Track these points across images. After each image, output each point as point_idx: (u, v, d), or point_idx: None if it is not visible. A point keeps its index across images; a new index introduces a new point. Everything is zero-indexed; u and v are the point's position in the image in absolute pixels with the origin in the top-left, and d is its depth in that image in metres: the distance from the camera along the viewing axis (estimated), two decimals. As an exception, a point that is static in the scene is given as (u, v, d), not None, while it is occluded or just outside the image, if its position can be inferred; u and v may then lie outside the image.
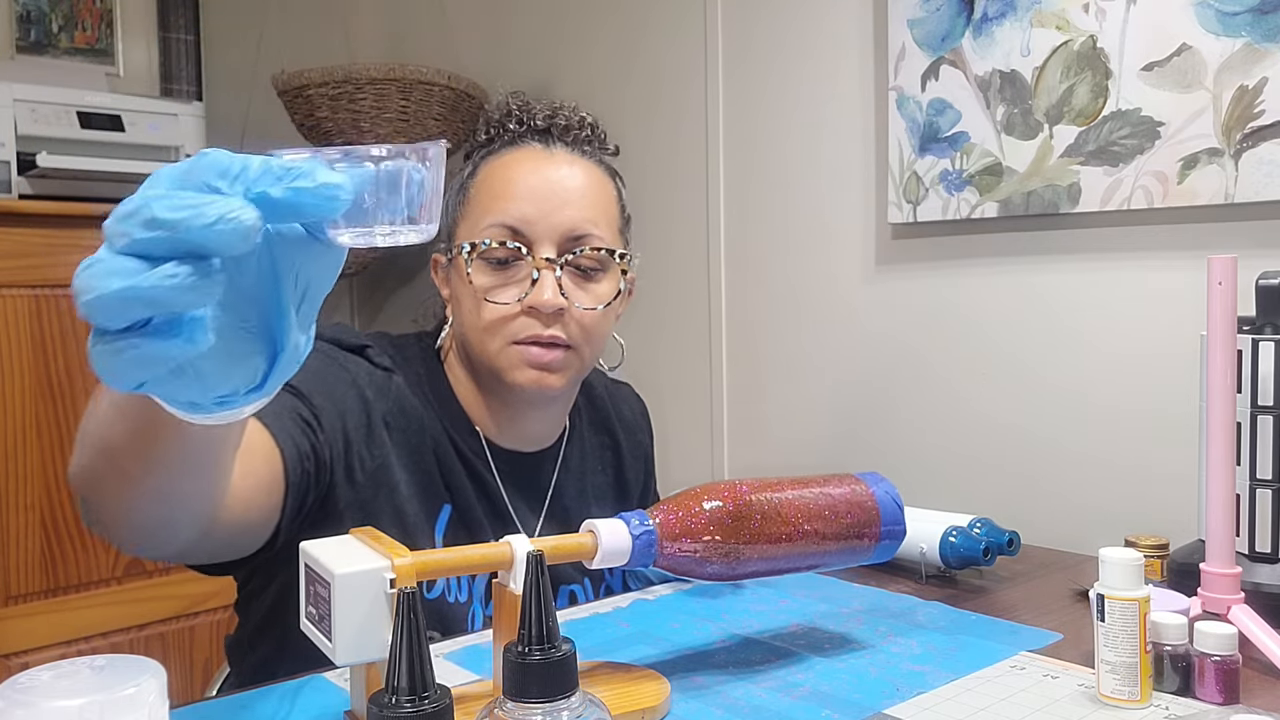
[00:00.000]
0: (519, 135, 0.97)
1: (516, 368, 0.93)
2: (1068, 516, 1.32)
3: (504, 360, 0.93)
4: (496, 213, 0.92)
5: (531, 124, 0.97)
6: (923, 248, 1.48)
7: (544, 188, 0.92)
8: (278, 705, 0.78)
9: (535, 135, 0.97)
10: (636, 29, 1.89)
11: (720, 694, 0.79)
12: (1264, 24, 1.12)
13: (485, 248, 0.91)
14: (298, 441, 0.82)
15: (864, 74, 1.53)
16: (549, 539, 0.74)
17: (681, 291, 1.83)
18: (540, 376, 0.93)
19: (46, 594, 1.74)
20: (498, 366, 0.94)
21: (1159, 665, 0.77)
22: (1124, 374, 1.28)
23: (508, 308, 0.92)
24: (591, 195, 0.95)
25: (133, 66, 2.27)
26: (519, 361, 0.92)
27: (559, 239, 0.92)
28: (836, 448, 1.60)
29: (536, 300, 0.91)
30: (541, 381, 0.93)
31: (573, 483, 1.08)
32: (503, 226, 0.92)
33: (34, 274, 1.71)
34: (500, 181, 0.94)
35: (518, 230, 0.92)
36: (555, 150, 0.96)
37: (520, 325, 0.92)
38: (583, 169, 0.96)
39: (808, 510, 0.81)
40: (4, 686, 0.56)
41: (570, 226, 0.93)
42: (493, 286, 0.92)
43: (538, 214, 0.92)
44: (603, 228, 0.95)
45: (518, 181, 0.93)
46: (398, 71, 1.92)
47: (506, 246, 0.92)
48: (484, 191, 0.95)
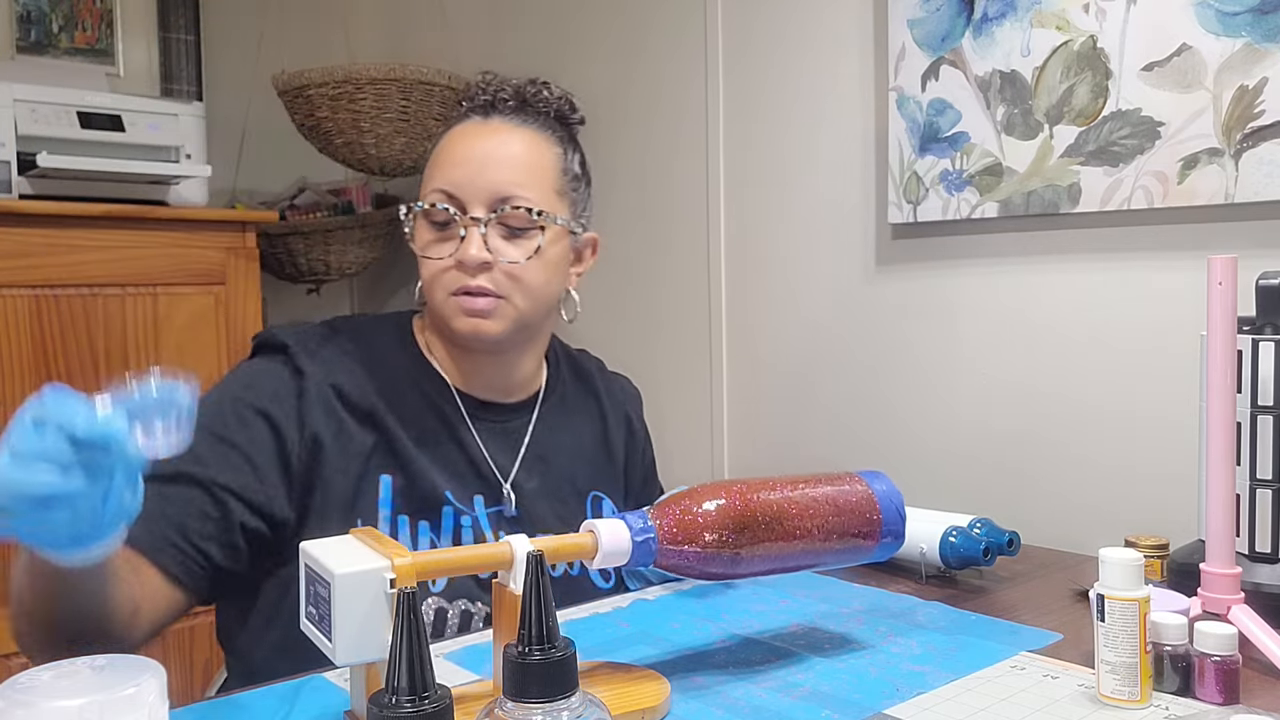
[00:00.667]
0: (466, 111, 1.07)
1: (455, 316, 1.02)
2: (1068, 516, 1.32)
3: (446, 310, 1.02)
4: (436, 179, 1.03)
5: (477, 99, 1.07)
6: (923, 248, 1.48)
7: (477, 154, 1.02)
8: (278, 705, 0.78)
9: (478, 110, 1.06)
10: (637, 29, 1.89)
11: (720, 694, 0.79)
12: (1264, 24, 1.12)
13: (423, 209, 1.03)
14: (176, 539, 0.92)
15: (864, 74, 1.53)
16: (549, 539, 0.74)
17: (682, 291, 1.83)
18: (476, 324, 1.01)
19: (46, 594, 1.74)
20: (443, 315, 1.03)
21: (1159, 665, 0.77)
22: (1124, 374, 1.28)
23: (442, 262, 1.02)
24: (523, 160, 1.03)
25: (133, 66, 2.27)
26: (456, 311, 1.02)
27: (488, 200, 1.01)
28: (836, 448, 1.60)
29: (462, 255, 1.00)
30: (478, 328, 1.01)
31: (550, 434, 1.13)
32: (439, 191, 1.02)
33: (34, 274, 1.71)
34: (443, 152, 1.05)
35: (451, 194, 1.01)
36: (492, 120, 1.05)
37: (453, 278, 1.01)
38: (519, 136, 1.04)
39: (809, 509, 0.81)
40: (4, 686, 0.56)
41: (496, 188, 1.01)
42: (431, 244, 1.03)
43: (467, 178, 1.01)
44: (531, 189, 1.02)
45: (455, 150, 1.04)
46: (398, 71, 1.92)
47: (438, 209, 1.02)
48: (432, 162, 1.06)
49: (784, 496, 0.80)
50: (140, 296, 1.82)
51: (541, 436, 1.12)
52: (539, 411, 1.13)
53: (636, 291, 1.93)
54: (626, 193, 1.94)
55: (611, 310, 1.98)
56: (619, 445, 1.20)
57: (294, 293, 2.42)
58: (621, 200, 1.95)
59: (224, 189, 2.31)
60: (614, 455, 1.19)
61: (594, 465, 1.16)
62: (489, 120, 1.05)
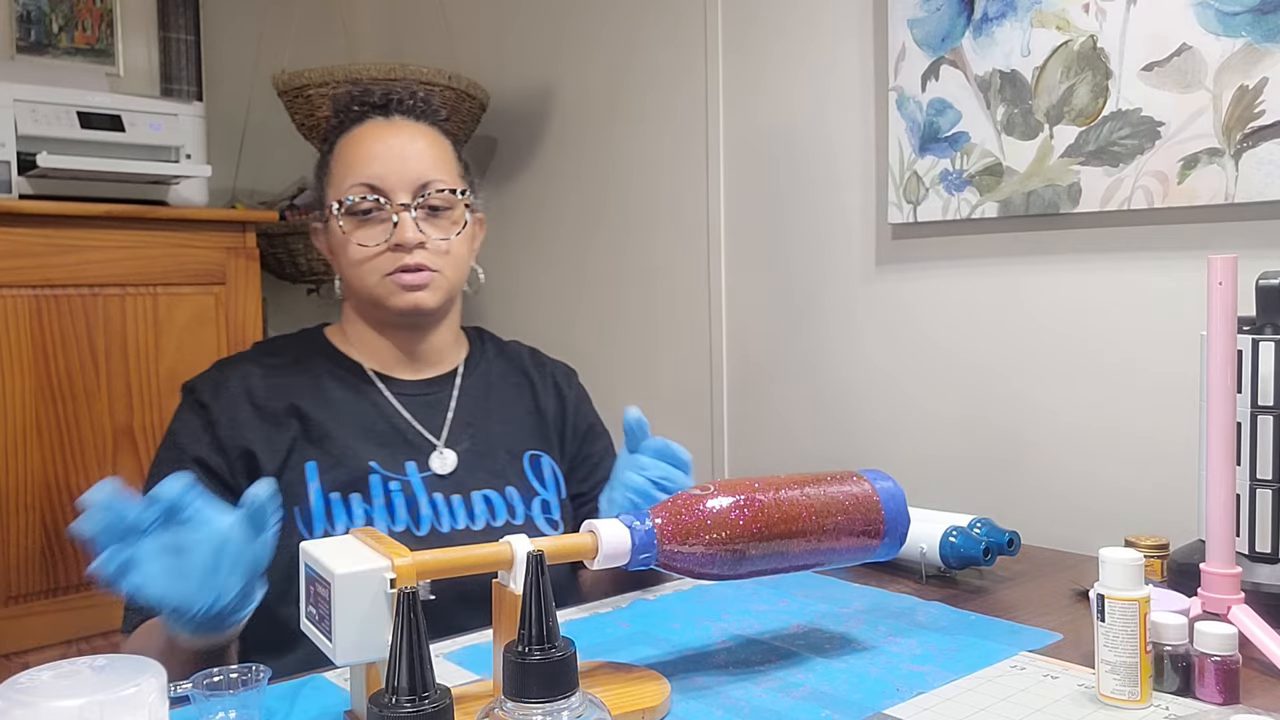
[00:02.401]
0: (362, 114, 1.15)
1: (393, 294, 1.10)
2: (1068, 516, 1.32)
3: (382, 290, 1.10)
4: (355, 174, 1.10)
5: (371, 103, 1.15)
6: (923, 248, 1.48)
7: (392, 149, 1.11)
8: (278, 705, 0.78)
9: (376, 111, 1.15)
10: (637, 29, 1.89)
11: (720, 694, 0.79)
12: (1264, 24, 1.12)
13: (351, 203, 1.10)
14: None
15: (864, 74, 1.53)
16: (548, 539, 0.74)
17: (682, 291, 1.83)
18: (416, 297, 1.10)
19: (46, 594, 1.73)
20: (378, 296, 1.11)
21: (1159, 665, 0.77)
22: (1124, 374, 1.28)
23: (376, 248, 1.10)
24: (431, 151, 1.14)
25: (133, 66, 2.27)
26: (394, 289, 1.10)
27: (410, 187, 1.10)
28: (836, 447, 1.60)
29: (400, 238, 1.09)
30: (418, 301, 1.10)
31: (476, 402, 1.19)
32: (363, 184, 1.10)
33: (34, 274, 1.71)
34: (355, 150, 1.12)
35: (375, 185, 1.10)
36: (395, 119, 1.15)
37: (387, 260, 1.10)
38: (420, 131, 1.15)
39: (811, 508, 0.81)
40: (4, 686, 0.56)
41: (417, 175, 1.11)
42: (358, 233, 1.10)
43: (388, 170, 1.10)
44: (444, 173, 1.13)
45: (369, 147, 1.12)
46: (398, 71, 1.92)
47: (367, 200, 1.09)
48: (341, 161, 1.13)
49: (786, 496, 0.80)
50: (140, 296, 1.82)
51: (468, 404, 1.18)
52: (461, 383, 1.19)
53: (636, 291, 1.93)
54: (626, 192, 1.94)
55: (611, 310, 1.99)
56: (550, 407, 1.23)
57: (294, 293, 2.42)
58: (621, 200, 1.95)
59: (224, 189, 2.31)
60: (545, 416, 1.22)
61: (526, 427, 1.20)
62: (391, 119, 1.14)
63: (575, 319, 2.06)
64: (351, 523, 1.06)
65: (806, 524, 0.80)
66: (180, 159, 1.93)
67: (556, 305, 2.11)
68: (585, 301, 2.05)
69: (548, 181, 2.12)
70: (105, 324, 1.78)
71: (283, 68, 2.01)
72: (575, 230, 2.06)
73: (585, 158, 2.03)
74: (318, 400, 1.11)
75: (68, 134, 1.81)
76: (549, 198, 2.12)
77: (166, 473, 1.04)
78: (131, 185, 1.87)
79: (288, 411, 1.09)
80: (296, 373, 1.13)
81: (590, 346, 2.02)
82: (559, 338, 2.08)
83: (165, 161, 1.91)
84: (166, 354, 1.84)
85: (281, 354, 1.15)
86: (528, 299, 2.18)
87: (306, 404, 1.10)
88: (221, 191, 2.30)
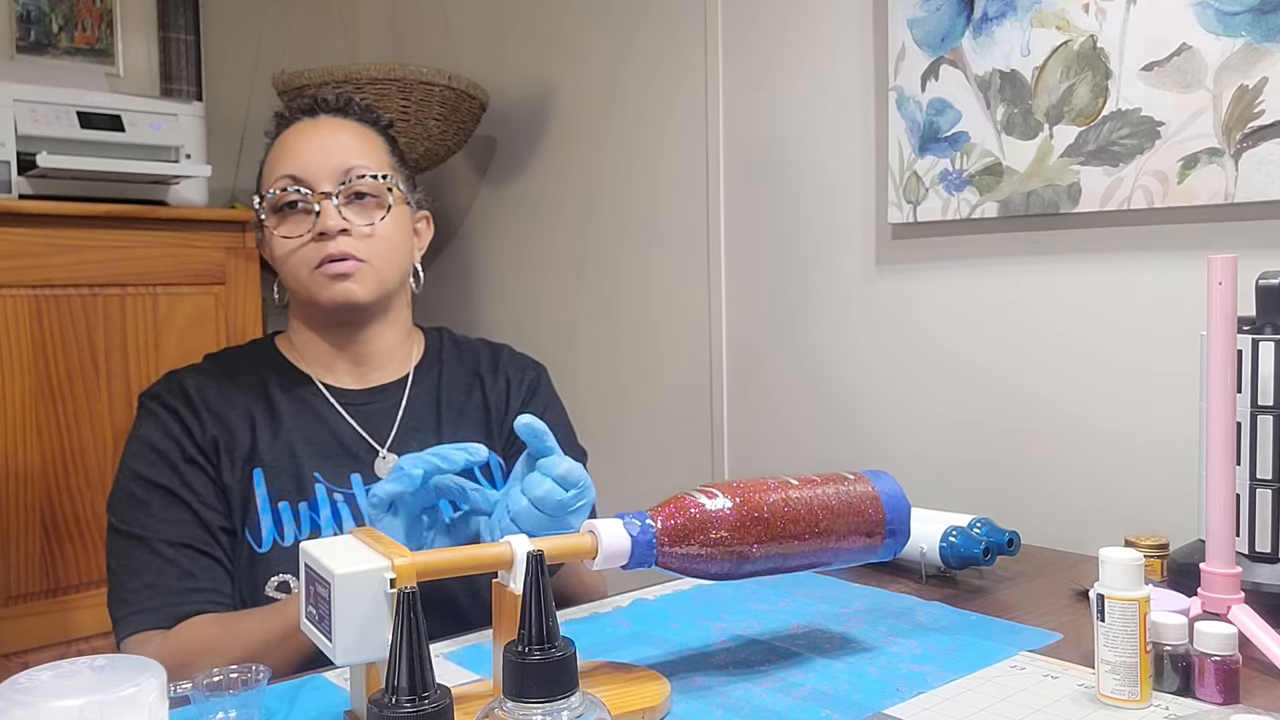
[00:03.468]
0: (288, 119, 1.15)
1: (322, 287, 1.08)
2: (1068, 516, 1.32)
3: (312, 284, 1.08)
4: (278, 170, 1.10)
5: (299, 108, 1.16)
6: (923, 248, 1.48)
7: (315, 142, 1.11)
8: (278, 705, 0.78)
9: (302, 113, 1.15)
10: (636, 29, 1.89)
11: (720, 694, 0.79)
12: (1264, 24, 1.12)
13: (273, 195, 1.09)
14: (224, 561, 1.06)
15: (864, 74, 1.53)
16: (548, 539, 0.74)
17: (681, 291, 1.83)
18: (344, 289, 1.08)
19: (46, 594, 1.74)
20: (310, 291, 1.09)
21: (1159, 665, 0.77)
22: (1124, 374, 1.28)
23: (300, 239, 1.08)
24: (357, 142, 1.12)
25: (133, 66, 2.27)
26: (323, 281, 1.08)
27: (334, 176, 1.09)
28: (836, 447, 1.60)
29: (321, 225, 1.07)
30: (346, 293, 1.08)
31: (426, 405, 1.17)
32: (286, 177, 1.09)
33: (34, 274, 1.71)
34: (281, 149, 1.12)
35: (298, 177, 1.08)
36: (320, 118, 1.14)
37: (312, 252, 1.08)
38: (346, 126, 1.14)
39: (813, 509, 0.81)
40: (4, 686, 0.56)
41: (340, 163, 1.09)
42: (283, 226, 1.09)
43: (310, 161, 1.09)
44: (368, 160, 1.11)
45: (293, 143, 1.11)
46: (398, 71, 1.92)
47: (288, 191, 1.08)
48: (269, 162, 1.13)
49: (787, 497, 0.80)
50: (140, 296, 1.82)
51: (415, 409, 1.17)
52: (410, 389, 1.18)
53: (636, 291, 1.93)
54: (625, 192, 1.94)
55: (611, 310, 1.99)
56: (494, 402, 1.20)
57: (294, 293, 2.42)
58: (620, 200, 1.95)
59: (224, 189, 2.31)
60: (490, 411, 1.20)
61: (473, 427, 1.18)
62: (316, 118, 1.14)
63: (575, 319, 2.06)
64: (299, 531, 1.06)
65: (807, 525, 0.80)
66: (180, 159, 1.93)
67: (556, 305, 2.11)
68: (584, 301, 2.05)
69: (547, 181, 2.12)
70: (105, 324, 1.78)
71: (283, 68, 2.01)
72: (574, 230, 2.06)
73: (585, 158, 2.03)
74: (265, 411, 1.11)
75: (68, 134, 1.81)
76: (548, 198, 2.12)
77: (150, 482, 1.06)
78: (131, 185, 1.87)
79: (239, 419, 1.09)
80: (246, 384, 1.12)
81: (590, 346, 2.02)
82: (558, 338, 2.08)
83: (165, 161, 1.92)
84: (166, 354, 1.84)
85: (230, 365, 1.15)
86: (527, 299, 2.18)
87: (257, 414, 1.10)
88: (221, 191, 2.30)
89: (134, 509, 1.05)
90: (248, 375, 1.13)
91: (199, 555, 1.04)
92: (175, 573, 1.02)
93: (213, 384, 1.11)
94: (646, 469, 1.89)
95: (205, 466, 1.07)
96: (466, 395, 1.20)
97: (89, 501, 1.76)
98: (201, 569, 1.03)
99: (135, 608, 1.01)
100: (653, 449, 1.89)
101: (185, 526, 1.04)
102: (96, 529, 1.77)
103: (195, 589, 1.02)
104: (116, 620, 1.03)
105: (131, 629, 1.01)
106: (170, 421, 1.08)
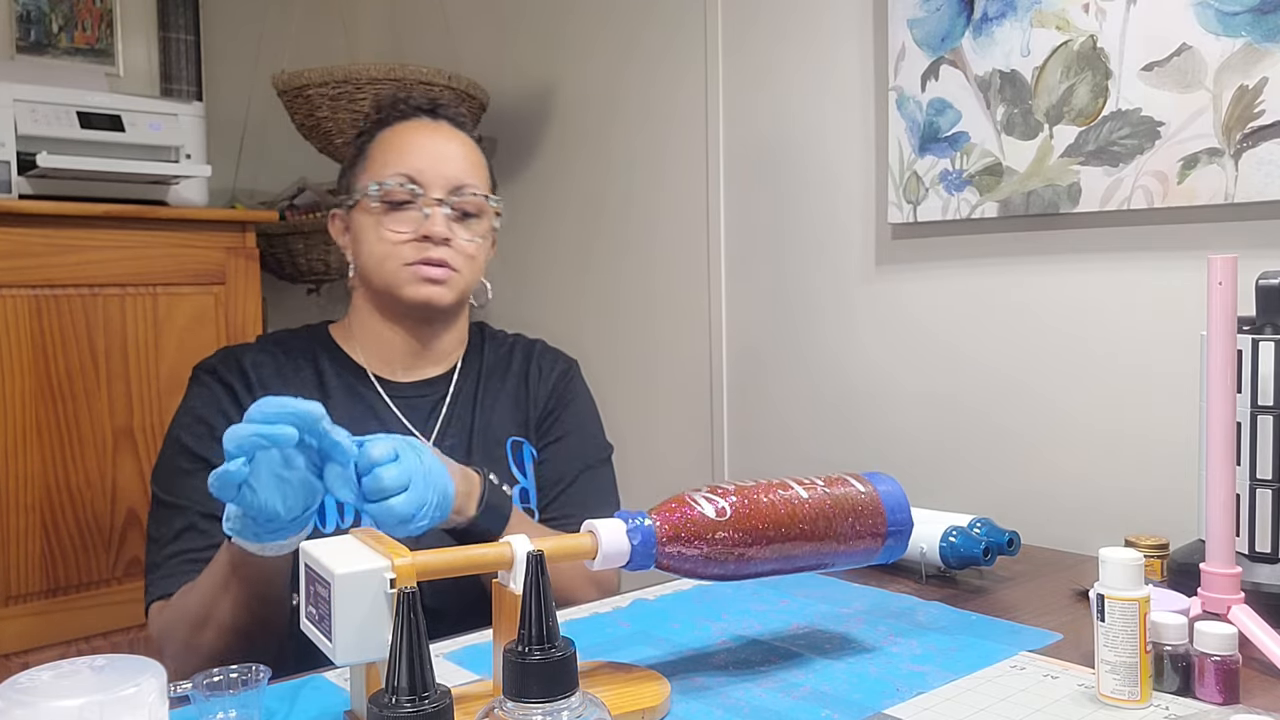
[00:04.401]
0: (408, 112, 1.18)
1: (411, 283, 1.12)
2: (1068, 516, 1.32)
3: (400, 278, 1.12)
4: (396, 164, 1.13)
5: (418, 105, 1.19)
6: (923, 248, 1.48)
7: (434, 147, 1.15)
8: (278, 705, 0.78)
9: (423, 112, 1.19)
10: (636, 29, 1.89)
11: (720, 694, 0.79)
12: (1264, 24, 1.12)
13: (389, 188, 1.12)
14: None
15: (864, 74, 1.53)
16: (548, 539, 0.74)
17: (681, 291, 1.83)
18: (433, 292, 1.12)
19: (46, 594, 1.73)
20: (396, 284, 1.12)
21: (1159, 665, 0.77)
22: (1124, 374, 1.28)
23: (404, 235, 1.12)
24: (470, 158, 1.17)
25: (133, 66, 2.26)
26: (413, 278, 1.12)
27: (446, 187, 1.13)
28: (836, 447, 1.60)
29: (429, 230, 1.11)
30: (432, 296, 1.12)
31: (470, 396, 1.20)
32: (402, 174, 1.12)
33: (34, 274, 1.71)
34: (398, 141, 1.15)
35: (413, 177, 1.12)
36: (440, 122, 1.18)
37: (412, 250, 1.11)
38: (460, 139, 1.18)
39: (813, 511, 0.81)
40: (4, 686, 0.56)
41: (454, 177, 1.14)
42: (391, 218, 1.12)
43: (428, 166, 1.13)
44: (478, 181, 1.17)
45: (412, 141, 1.15)
46: (398, 71, 1.92)
47: (403, 189, 1.12)
48: (382, 150, 1.15)
49: (788, 498, 0.80)
50: (140, 296, 1.82)
51: (458, 402, 1.19)
52: (456, 381, 1.21)
53: (636, 291, 1.93)
54: (626, 193, 1.94)
55: (611, 310, 1.99)
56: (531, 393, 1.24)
57: (294, 293, 2.42)
58: (621, 200, 1.95)
59: (224, 189, 2.31)
60: (526, 402, 1.23)
61: (509, 415, 1.21)
62: (437, 121, 1.18)
63: (575, 319, 2.06)
64: (341, 520, 1.07)
65: (808, 528, 0.80)
66: (180, 159, 1.93)
67: (556, 306, 2.11)
68: (585, 301, 2.05)
69: (547, 182, 2.12)
70: (105, 324, 1.78)
71: (283, 68, 2.01)
72: (575, 230, 2.06)
73: (585, 158, 2.03)
74: (318, 396, 1.11)
75: (68, 134, 1.81)
76: (549, 198, 2.12)
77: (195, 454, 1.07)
78: (131, 185, 1.86)
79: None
80: (301, 366, 1.15)
81: (590, 346, 2.02)
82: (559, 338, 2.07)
83: (165, 161, 1.91)
84: (166, 354, 1.84)
85: (287, 348, 1.17)
86: (527, 300, 2.18)
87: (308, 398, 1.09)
88: (221, 191, 2.29)
89: (177, 478, 1.07)
90: (303, 359, 1.16)
91: None
92: (205, 542, 1.03)
93: (269, 363, 1.13)
94: (647, 469, 1.89)
95: None
96: (501, 387, 1.23)
97: (89, 501, 1.76)
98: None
99: (163, 573, 1.03)
100: (653, 449, 1.89)
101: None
102: (96, 529, 1.77)
103: None
104: (146, 586, 1.05)
105: (156, 594, 1.03)
106: (223, 396, 1.10)
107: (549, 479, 1.20)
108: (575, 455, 1.22)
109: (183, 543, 1.04)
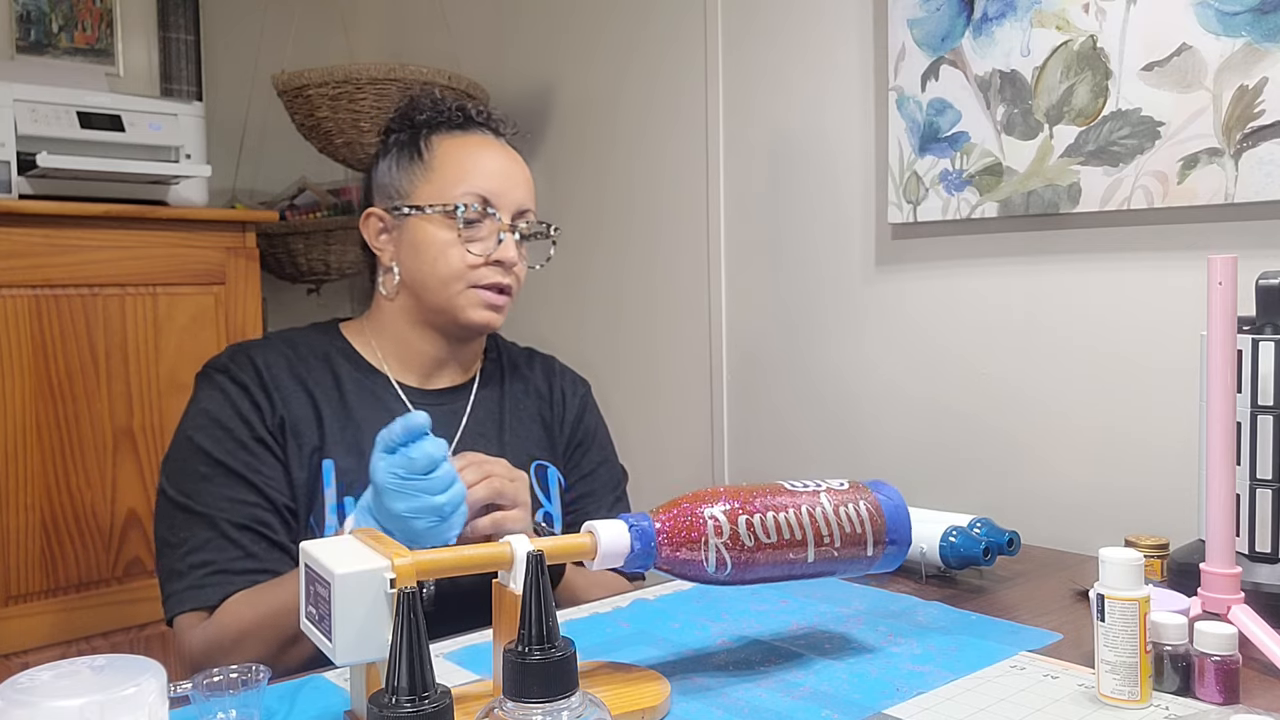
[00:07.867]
0: (468, 122, 1.17)
1: (474, 307, 1.11)
2: (1068, 516, 1.32)
3: (462, 300, 1.11)
4: (469, 183, 1.11)
5: (476, 115, 1.18)
6: (923, 248, 1.48)
7: (504, 169, 1.15)
8: (278, 705, 0.78)
9: (486, 126, 1.18)
10: (636, 30, 1.89)
11: (720, 694, 0.79)
12: (1264, 24, 1.12)
13: (463, 210, 1.10)
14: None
15: (864, 74, 1.53)
16: (549, 539, 0.74)
17: (681, 292, 1.83)
18: (491, 317, 1.13)
19: (46, 594, 1.73)
20: (458, 305, 1.11)
21: (1159, 665, 0.77)
22: (1124, 374, 1.28)
23: (476, 258, 1.10)
24: (530, 182, 1.18)
25: (133, 66, 2.26)
26: (476, 302, 1.11)
27: (513, 209, 1.14)
28: (836, 447, 1.60)
29: (504, 255, 1.11)
30: (491, 320, 1.13)
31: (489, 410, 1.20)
32: (476, 195, 1.11)
33: (34, 274, 1.71)
34: (468, 157, 1.13)
35: (487, 199, 1.12)
36: (504, 142, 1.19)
37: (483, 274, 1.11)
38: (521, 161, 1.19)
39: (813, 518, 0.80)
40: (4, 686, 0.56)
41: (520, 201, 1.15)
42: (463, 240, 1.11)
43: (501, 189, 1.13)
44: (534, 206, 1.18)
45: (484, 161, 1.14)
46: (398, 71, 1.92)
47: (476, 210, 1.11)
48: (450, 162, 1.13)
49: (788, 504, 0.80)
50: (140, 296, 1.82)
51: (480, 414, 1.19)
52: (476, 392, 1.20)
53: (636, 292, 1.93)
54: (626, 193, 1.93)
55: (611, 310, 1.98)
56: (555, 416, 1.24)
57: (294, 293, 2.42)
58: (621, 201, 1.95)
59: (224, 189, 2.31)
60: (551, 425, 1.23)
61: (534, 438, 1.20)
62: (502, 141, 1.18)
63: (575, 320, 2.06)
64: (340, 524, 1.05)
65: (808, 534, 0.80)
66: (180, 159, 1.93)
67: (557, 306, 2.11)
68: (585, 303, 2.05)
69: (548, 182, 2.12)
70: (105, 324, 1.78)
71: (283, 68, 2.01)
72: (575, 231, 2.06)
73: (584, 158, 2.03)
74: (335, 399, 1.10)
75: (68, 134, 1.81)
76: (549, 198, 2.12)
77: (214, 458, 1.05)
78: (131, 185, 1.86)
79: (306, 403, 1.08)
80: (314, 367, 1.12)
81: (590, 347, 2.02)
82: (559, 339, 2.08)
83: (165, 161, 1.91)
84: (166, 354, 1.84)
85: (296, 346, 1.14)
86: (528, 301, 2.18)
87: (325, 402, 1.09)
88: (221, 191, 2.29)
89: (196, 483, 1.04)
90: (316, 359, 1.13)
91: (260, 538, 1.03)
92: (237, 554, 1.01)
93: (282, 363, 1.11)
94: (647, 471, 1.89)
95: (273, 447, 1.06)
96: (526, 403, 1.23)
97: (89, 501, 1.76)
98: (264, 550, 1.03)
99: (189, 583, 1.00)
100: (654, 451, 1.89)
101: (250, 508, 1.03)
102: (96, 529, 1.77)
103: (259, 569, 1.01)
104: (168, 595, 1.02)
105: (185, 605, 1.00)
106: (240, 398, 1.07)
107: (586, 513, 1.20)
108: (607, 487, 1.24)
109: (210, 553, 1.01)
